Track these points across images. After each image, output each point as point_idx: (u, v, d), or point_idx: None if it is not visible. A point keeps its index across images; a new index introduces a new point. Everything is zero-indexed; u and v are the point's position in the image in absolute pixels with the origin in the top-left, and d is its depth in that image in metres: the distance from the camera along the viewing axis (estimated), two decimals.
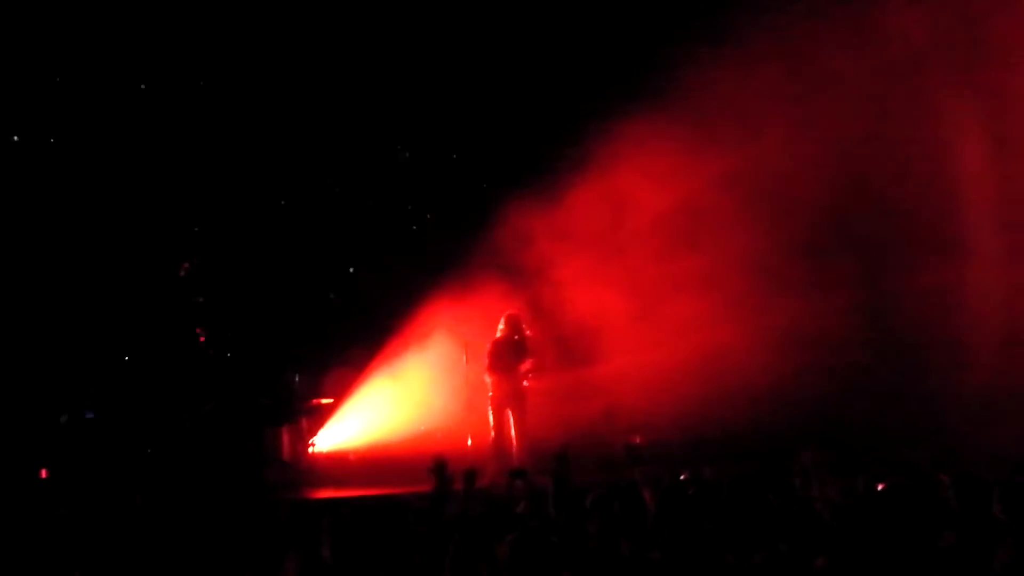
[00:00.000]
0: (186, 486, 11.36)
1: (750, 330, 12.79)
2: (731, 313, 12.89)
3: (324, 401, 13.54)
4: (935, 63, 12.55)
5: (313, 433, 13.18)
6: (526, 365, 11.58)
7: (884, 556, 4.20)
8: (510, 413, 11.57)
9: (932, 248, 12.72)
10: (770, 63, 12.38)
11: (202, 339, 13.86)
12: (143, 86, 13.51)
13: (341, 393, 13.56)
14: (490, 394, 11.61)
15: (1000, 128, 12.81)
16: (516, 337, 11.61)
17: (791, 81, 12.49)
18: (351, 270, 14.65)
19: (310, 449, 13.10)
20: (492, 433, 11.59)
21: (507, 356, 11.58)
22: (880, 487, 5.07)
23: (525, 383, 11.63)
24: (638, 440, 13.57)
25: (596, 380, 13.28)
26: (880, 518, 4.53)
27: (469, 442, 12.15)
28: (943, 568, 4.25)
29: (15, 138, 13.17)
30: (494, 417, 11.58)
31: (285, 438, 12.98)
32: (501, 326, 11.69)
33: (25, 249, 13.03)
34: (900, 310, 12.89)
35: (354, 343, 14.20)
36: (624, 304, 13.25)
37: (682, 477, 6.94)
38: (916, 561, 4.20)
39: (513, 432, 11.54)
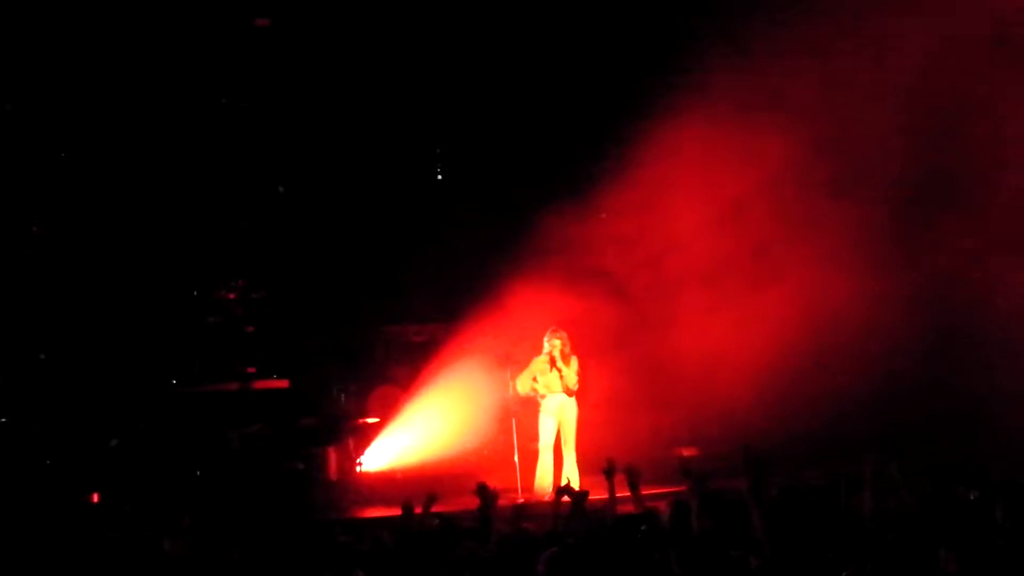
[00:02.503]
0: (234, 507, 11.38)
1: (805, 328, 12.39)
2: (789, 310, 12.48)
3: (370, 420, 13.54)
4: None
5: (360, 452, 13.17)
6: (573, 384, 11.50)
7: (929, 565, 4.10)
8: (560, 428, 11.49)
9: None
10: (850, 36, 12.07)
11: (251, 369, 13.93)
12: (176, 110, 13.61)
13: (387, 412, 13.56)
14: (543, 410, 11.54)
15: None
16: (561, 354, 11.52)
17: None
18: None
19: (357, 468, 13.08)
20: (543, 449, 11.51)
21: (555, 373, 11.49)
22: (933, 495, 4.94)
23: (573, 399, 11.57)
24: (690, 453, 13.47)
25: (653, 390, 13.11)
26: (926, 527, 4.43)
27: (516, 458, 12.07)
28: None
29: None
30: (542, 432, 11.51)
31: (332, 458, 12.98)
32: (547, 343, 11.60)
33: (82, 277, 13.20)
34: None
35: (399, 361, 14.24)
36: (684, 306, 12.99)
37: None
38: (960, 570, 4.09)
39: (563, 447, 11.48)
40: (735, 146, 12.55)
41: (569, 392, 11.48)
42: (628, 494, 6.96)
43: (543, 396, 11.54)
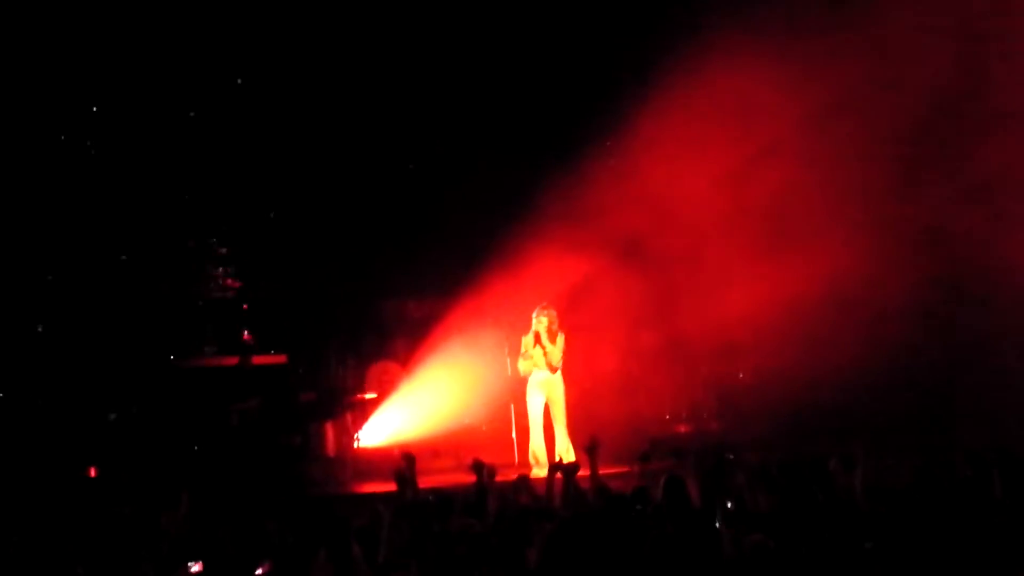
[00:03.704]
0: (232, 483, 11.40)
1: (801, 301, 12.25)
2: (796, 288, 12.20)
3: (368, 396, 13.55)
4: None
5: (358, 427, 13.18)
6: (556, 361, 11.48)
7: (926, 545, 4.10)
8: (548, 405, 11.50)
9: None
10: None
11: (247, 337, 13.94)
12: (173, 89, 13.56)
13: (385, 387, 13.56)
14: (529, 387, 11.55)
15: None
16: (548, 331, 11.49)
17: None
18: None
19: (355, 444, 13.10)
20: (532, 426, 11.53)
21: (539, 349, 11.48)
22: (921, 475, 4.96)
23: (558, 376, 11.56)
24: (685, 429, 13.50)
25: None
26: (922, 507, 4.43)
27: (513, 434, 12.09)
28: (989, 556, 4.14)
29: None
30: (530, 409, 11.52)
31: (330, 433, 12.99)
32: (535, 320, 11.57)
33: (82, 257, 13.21)
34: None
35: (398, 335, 14.24)
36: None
37: (730, 456, 6.82)
38: (959, 549, 4.09)
39: (554, 424, 11.51)
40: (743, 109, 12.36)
41: (553, 369, 11.47)
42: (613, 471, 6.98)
43: (529, 372, 11.54)
